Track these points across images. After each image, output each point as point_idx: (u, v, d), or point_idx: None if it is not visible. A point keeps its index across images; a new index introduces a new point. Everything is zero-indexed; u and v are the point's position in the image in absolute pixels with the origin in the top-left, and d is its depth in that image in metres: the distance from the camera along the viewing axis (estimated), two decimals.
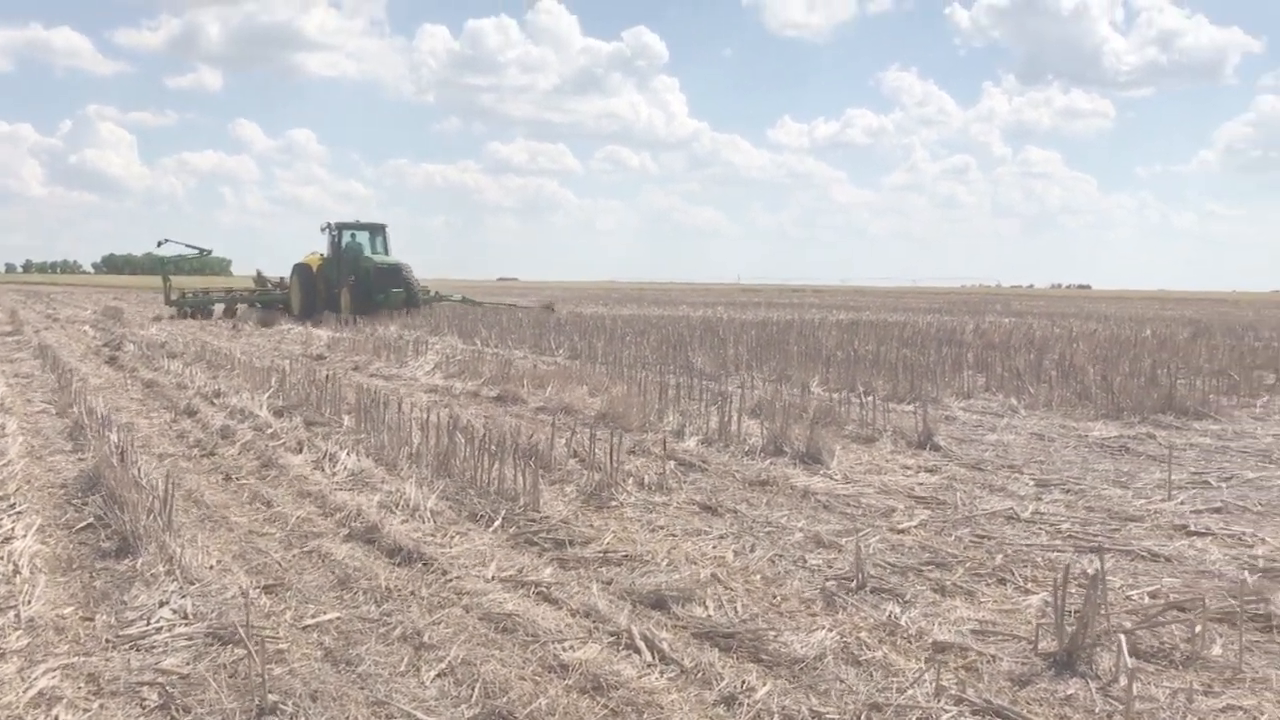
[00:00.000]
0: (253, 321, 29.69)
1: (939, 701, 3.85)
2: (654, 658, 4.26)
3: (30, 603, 4.88)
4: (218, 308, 33.35)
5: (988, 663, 4.24)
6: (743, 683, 4.01)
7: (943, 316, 35.38)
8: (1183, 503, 6.99)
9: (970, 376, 13.83)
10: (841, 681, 4.05)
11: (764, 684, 4.01)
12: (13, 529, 6.06)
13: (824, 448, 8.40)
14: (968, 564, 5.59)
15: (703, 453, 8.68)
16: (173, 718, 3.80)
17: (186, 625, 4.63)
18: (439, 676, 4.12)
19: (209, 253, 37.68)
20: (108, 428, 8.31)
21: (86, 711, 3.81)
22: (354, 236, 31.83)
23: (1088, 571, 5.18)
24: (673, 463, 8.07)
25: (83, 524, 6.28)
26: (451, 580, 5.27)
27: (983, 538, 6.16)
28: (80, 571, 5.45)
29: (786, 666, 4.19)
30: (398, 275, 30.54)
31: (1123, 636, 4.02)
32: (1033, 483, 7.70)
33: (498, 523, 6.33)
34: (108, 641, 4.46)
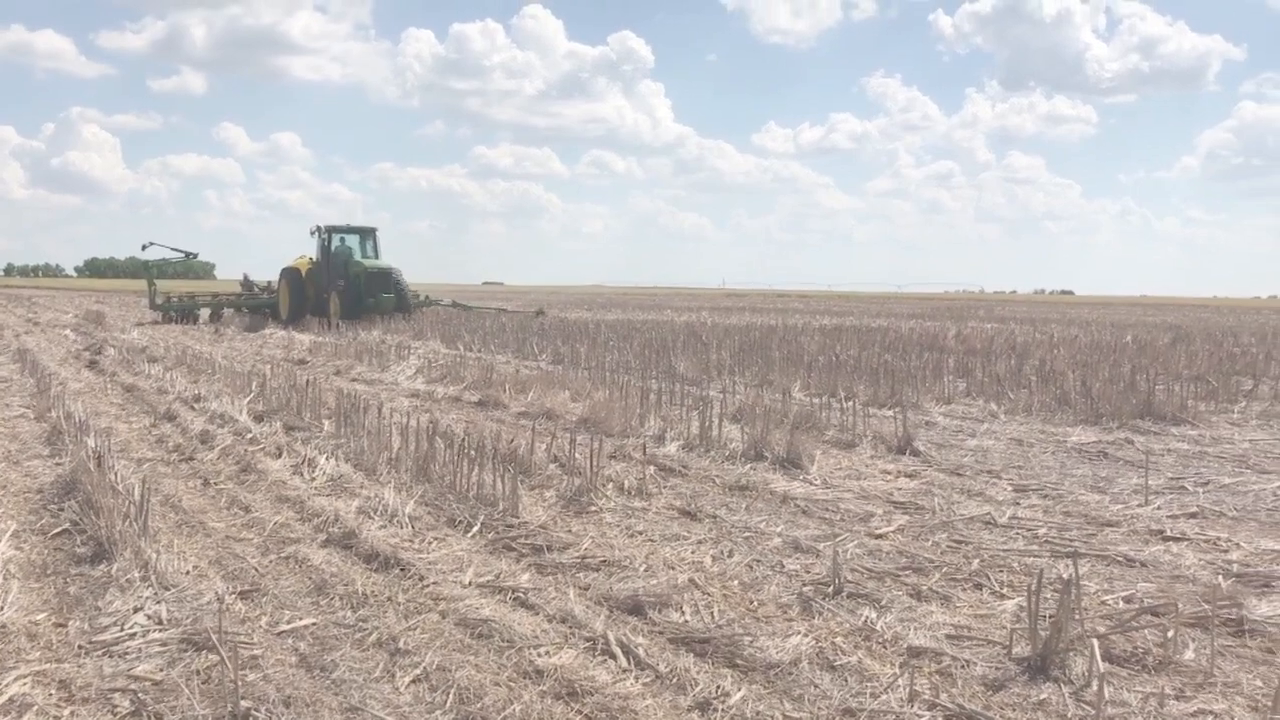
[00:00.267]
0: (235, 325, 29.61)
1: (912, 706, 3.86)
2: (629, 663, 4.26)
3: (2, 609, 4.84)
4: (204, 312, 32.97)
5: (962, 667, 4.25)
6: (717, 688, 4.01)
7: (925, 322, 35.49)
8: (1159, 508, 7.03)
9: (951, 382, 13.89)
10: (816, 687, 4.05)
11: (738, 689, 4.01)
12: None
13: (804, 453, 8.42)
14: (944, 569, 5.61)
15: (683, 458, 8.69)
16: None
17: (161, 631, 4.60)
18: (414, 682, 4.11)
19: (195, 256, 37.22)
20: (85, 432, 8.27)
21: (57, 718, 3.79)
22: (344, 240, 31.41)
23: (1063, 576, 5.20)
24: (653, 468, 8.08)
25: (58, 529, 6.24)
26: (428, 586, 5.25)
27: (960, 543, 6.18)
28: (55, 577, 5.42)
29: (761, 672, 4.19)
30: (388, 279, 30.14)
31: (1095, 641, 4.04)
32: (1011, 488, 7.73)
33: (476, 528, 6.32)
34: (80, 648, 4.44)
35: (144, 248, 33.61)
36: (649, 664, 4.23)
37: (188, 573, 5.48)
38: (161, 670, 4.18)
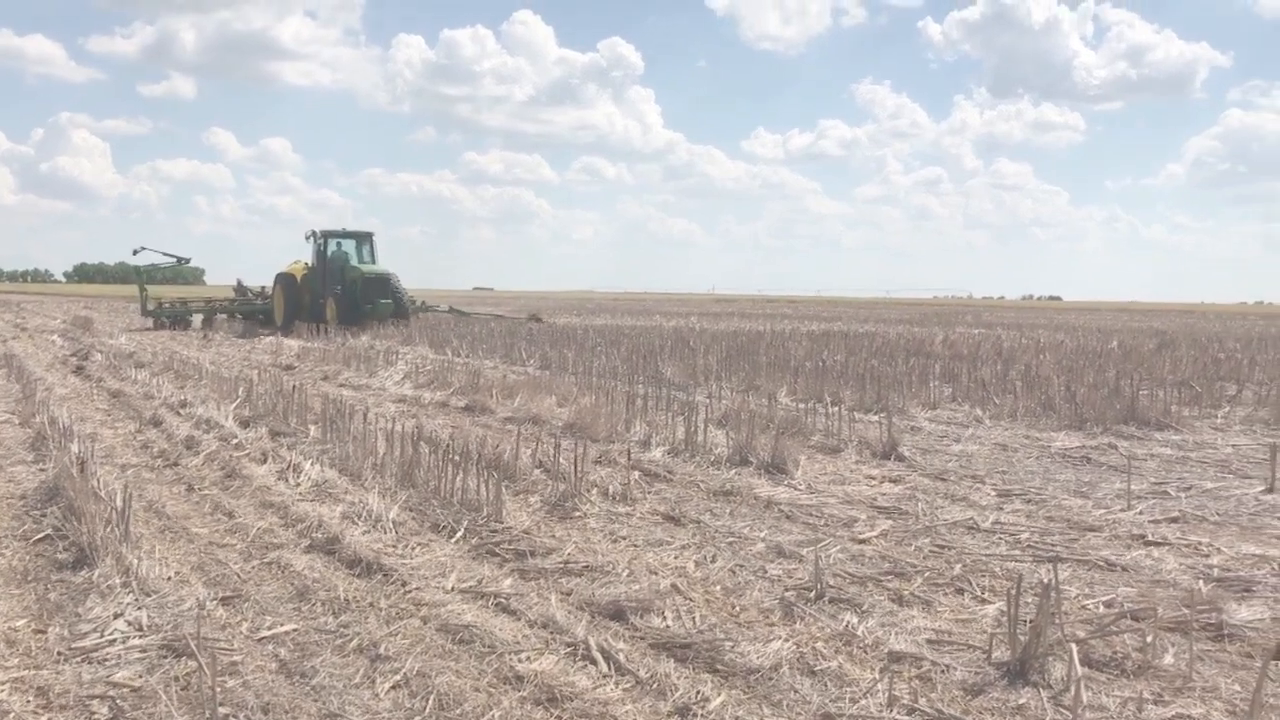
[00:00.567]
0: (223, 330, 29.51)
1: (891, 711, 3.87)
2: (610, 669, 4.26)
3: None
4: (196, 318, 32.48)
5: (941, 672, 4.26)
6: (697, 693, 4.02)
7: (913, 328, 35.59)
8: (1141, 513, 7.06)
9: (937, 387, 13.93)
10: (796, 691, 4.06)
11: (718, 695, 4.02)
12: None
13: (789, 458, 8.44)
14: (926, 574, 5.62)
15: (668, 463, 8.70)
16: None
17: (141, 637, 4.59)
18: (394, 688, 4.10)
19: (187, 261, 36.60)
20: (69, 438, 8.23)
21: None
22: (340, 245, 30.76)
23: (1044, 581, 5.22)
24: (638, 473, 8.08)
25: (40, 535, 6.22)
26: (410, 591, 5.25)
27: (943, 547, 6.19)
28: (36, 583, 5.40)
29: (742, 677, 4.20)
30: (386, 285, 29.59)
31: (1074, 646, 4.05)
32: (994, 493, 7.75)
33: (460, 533, 6.32)
34: (60, 654, 4.42)
35: (135, 252, 33.22)
36: (629, 669, 4.23)
37: (169, 579, 5.46)
38: (140, 677, 4.17)
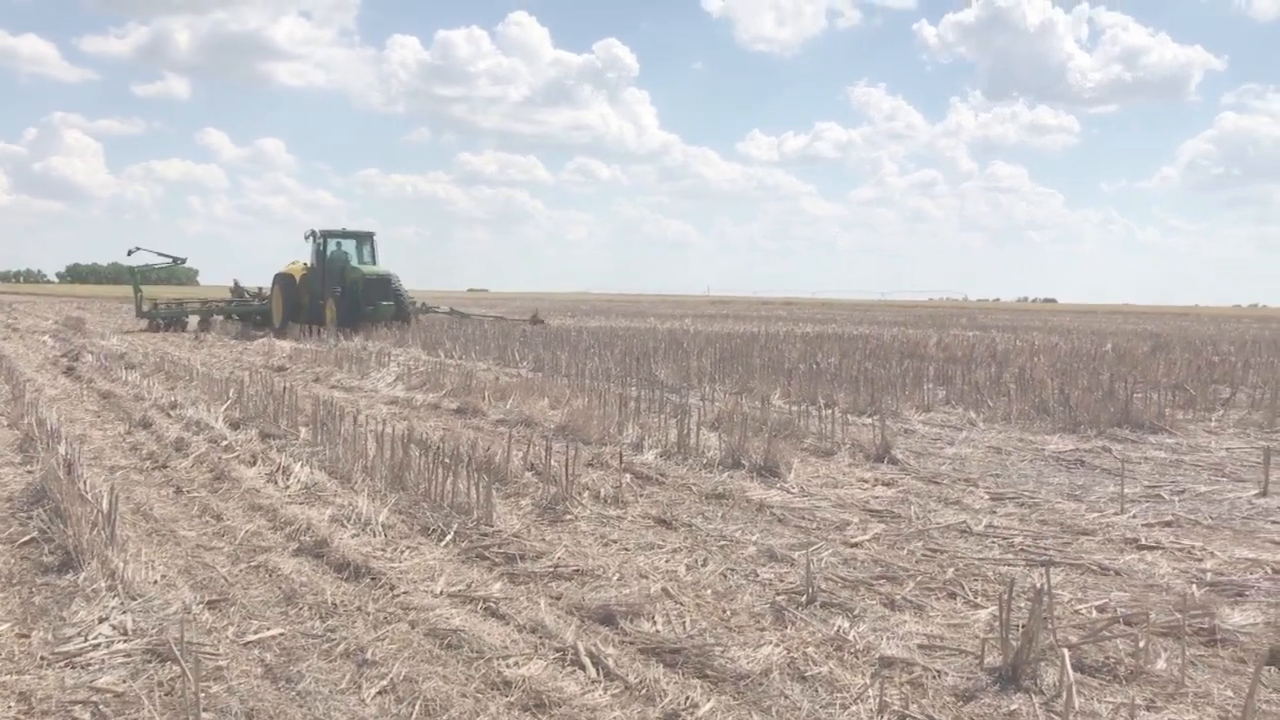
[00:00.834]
0: (216, 331, 29.37)
1: (882, 718, 3.83)
2: (598, 674, 4.22)
3: None
4: (192, 320, 31.68)
5: (933, 678, 4.23)
6: (686, 699, 3.98)
7: (908, 330, 35.60)
8: (1135, 516, 7.04)
9: (931, 390, 13.91)
10: (786, 697, 4.02)
11: (708, 700, 3.98)
12: None
13: (782, 461, 8.41)
14: (919, 578, 5.59)
15: (661, 465, 8.66)
16: None
17: (125, 642, 4.54)
18: (380, 694, 4.06)
19: (183, 261, 35.68)
20: (57, 440, 8.18)
21: None
22: (340, 245, 30.15)
23: (1036, 585, 5.19)
24: (630, 476, 8.04)
25: (26, 538, 6.16)
26: (399, 595, 5.21)
27: (935, 551, 6.16)
28: (20, 587, 5.34)
29: (731, 682, 4.16)
30: (387, 286, 28.95)
31: (1066, 651, 4.02)
32: (988, 496, 7.72)
33: (449, 537, 6.27)
34: (43, 659, 4.37)
35: (130, 252, 32.50)
36: (618, 675, 4.19)
37: (155, 582, 5.41)
38: (124, 682, 4.12)
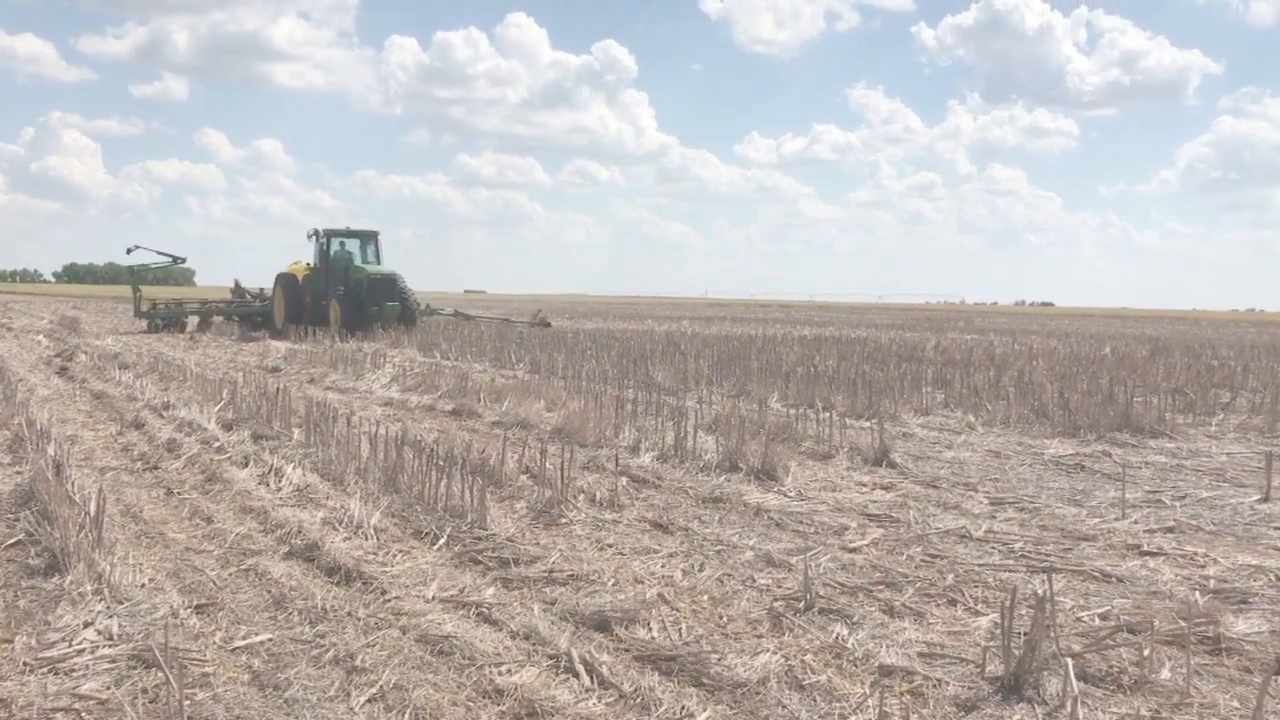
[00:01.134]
0: (212, 332, 29.24)
1: None
2: (593, 682, 4.13)
3: None
4: (192, 320, 31.14)
5: (934, 687, 4.15)
6: (682, 708, 3.90)
7: (905, 333, 35.52)
8: (1136, 522, 6.96)
9: (929, 393, 13.83)
10: (783, 707, 3.94)
11: (704, 710, 3.90)
12: None
13: (779, 464, 8.32)
14: (918, 584, 5.50)
15: (657, 469, 8.57)
16: None
17: (111, 647, 4.45)
18: (369, 701, 3.97)
19: (182, 261, 34.89)
20: (46, 440, 8.09)
21: None
22: (344, 244, 29.43)
23: (1038, 592, 5.11)
24: (625, 479, 7.96)
25: (12, 540, 6.07)
26: (390, 600, 5.12)
27: (935, 557, 6.08)
28: (4, 590, 5.25)
29: (728, 691, 4.08)
30: (392, 287, 28.17)
31: (1069, 660, 3.94)
32: (987, 501, 7.65)
33: (442, 540, 6.19)
34: (25, 664, 4.28)
35: (129, 251, 31.78)
36: (613, 683, 4.10)
37: (143, 586, 5.33)
38: (108, 689, 4.03)
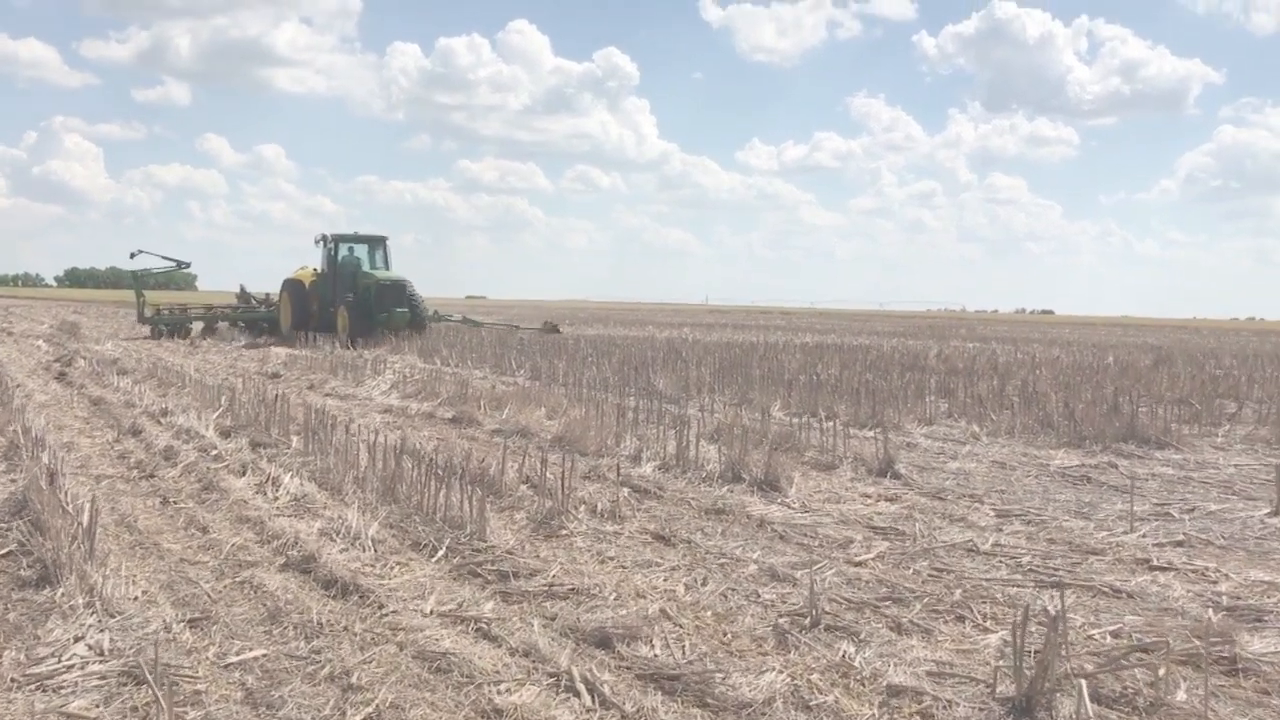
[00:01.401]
0: (211, 336, 29.13)
1: None
2: (594, 702, 4.03)
3: None
4: (196, 326, 30.67)
5: (943, 708, 4.04)
6: None
7: (907, 341, 35.42)
8: (1145, 535, 6.86)
9: (933, 402, 13.73)
10: None
11: None
12: None
13: (783, 475, 8.23)
14: (926, 599, 5.40)
15: (659, 479, 8.47)
16: None
17: (101, 663, 4.36)
18: None
19: (186, 266, 34.31)
20: (41, 448, 8.00)
21: None
22: (351, 250, 28.94)
23: (1048, 609, 5.02)
24: (627, 489, 7.86)
25: (4, 551, 5.96)
26: (387, 615, 5.02)
27: (942, 571, 5.98)
28: None
29: (733, 712, 3.98)
30: (402, 293, 27.59)
31: (1083, 682, 3.84)
32: (993, 513, 7.54)
33: (441, 552, 6.09)
34: (13, 681, 4.18)
35: (132, 255, 30.94)
36: (614, 703, 4.01)
37: (136, 598, 5.23)
38: (96, 707, 3.94)
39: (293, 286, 29.43)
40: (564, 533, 6.67)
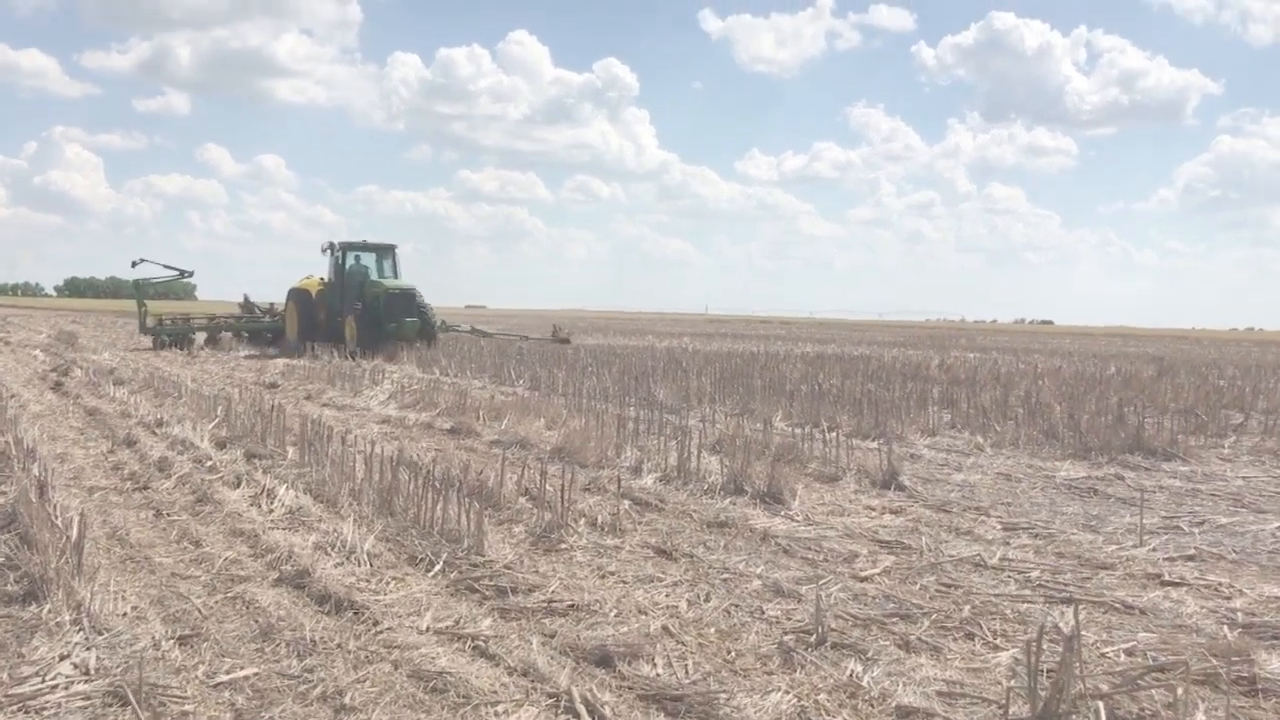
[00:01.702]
0: (210, 346, 28.93)
1: None
2: None
3: None
4: (200, 337, 29.91)
5: None
6: None
7: (908, 351, 35.31)
8: (1155, 549, 6.73)
9: (936, 413, 13.61)
10: None
11: None
12: None
13: (785, 487, 8.10)
14: (934, 616, 5.28)
15: (660, 491, 8.34)
16: None
17: (86, 682, 4.23)
18: None
19: (189, 274, 33.68)
20: (32, 459, 7.87)
21: None
22: (359, 258, 28.23)
23: (1060, 627, 4.89)
24: (628, 502, 7.73)
25: None
26: (382, 632, 4.89)
27: (949, 586, 5.86)
28: None
29: None
30: (411, 302, 26.85)
31: (1101, 704, 3.72)
32: (1000, 526, 7.42)
33: (438, 567, 5.96)
34: None
35: (134, 264, 30.45)
36: None
37: (125, 615, 5.10)
38: None
39: (299, 296, 28.80)
40: (563, 547, 6.54)
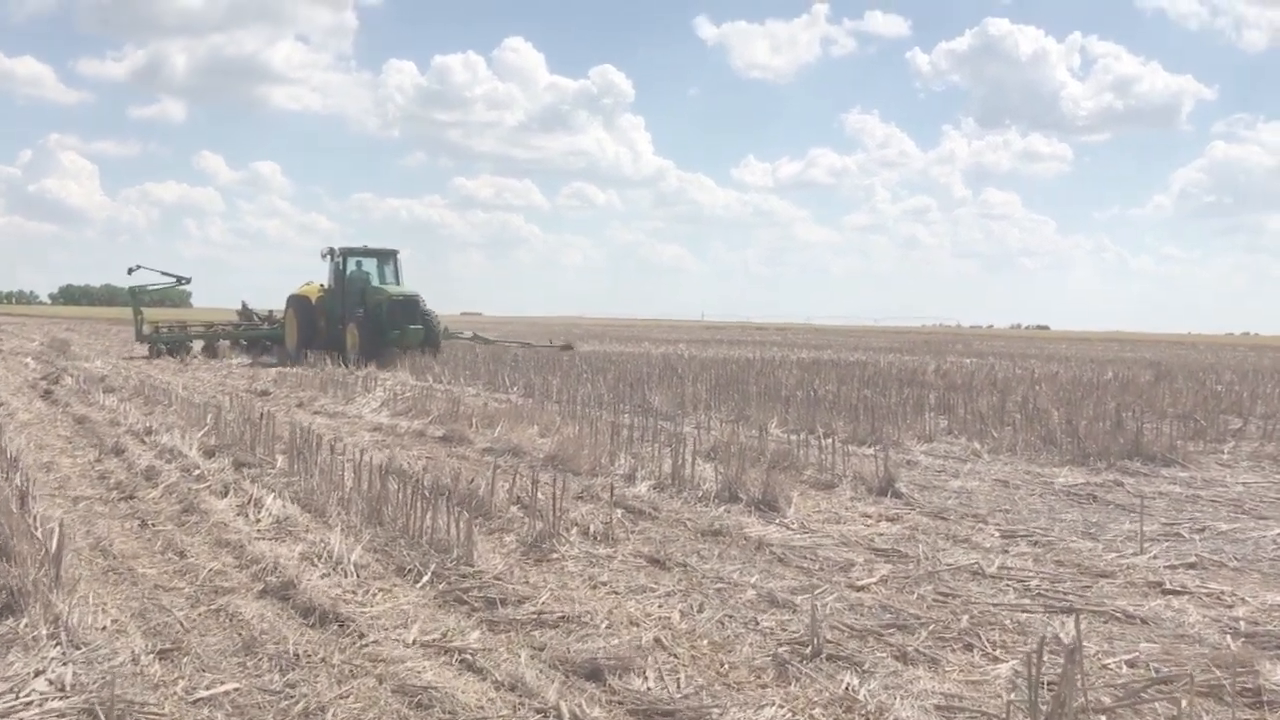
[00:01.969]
0: (201, 353, 28.79)
1: None
2: None
3: None
4: (197, 345, 29.62)
5: None
6: None
7: (904, 356, 35.23)
8: (1155, 557, 6.63)
9: (932, 419, 13.51)
10: None
11: None
12: None
13: (781, 494, 8.00)
14: (931, 626, 5.17)
15: (654, 499, 8.23)
16: None
17: (61, 699, 4.11)
18: None
19: (187, 281, 33.06)
20: (14, 468, 7.75)
21: None
22: (360, 264, 27.65)
23: (1060, 638, 4.79)
24: (621, 510, 7.63)
25: None
26: (368, 645, 4.78)
27: (947, 595, 5.75)
28: None
29: None
30: (415, 308, 26.12)
31: (1104, 718, 3.61)
32: (998, 533, 7.32)
33: (426, 577, 5.84)
34: None
35: (130, 271, 30.08)
36: None
37: (105, 628, 4.99)
38: None
39: (298, 303, 28.05)
40: (555, 556, 6.43)
